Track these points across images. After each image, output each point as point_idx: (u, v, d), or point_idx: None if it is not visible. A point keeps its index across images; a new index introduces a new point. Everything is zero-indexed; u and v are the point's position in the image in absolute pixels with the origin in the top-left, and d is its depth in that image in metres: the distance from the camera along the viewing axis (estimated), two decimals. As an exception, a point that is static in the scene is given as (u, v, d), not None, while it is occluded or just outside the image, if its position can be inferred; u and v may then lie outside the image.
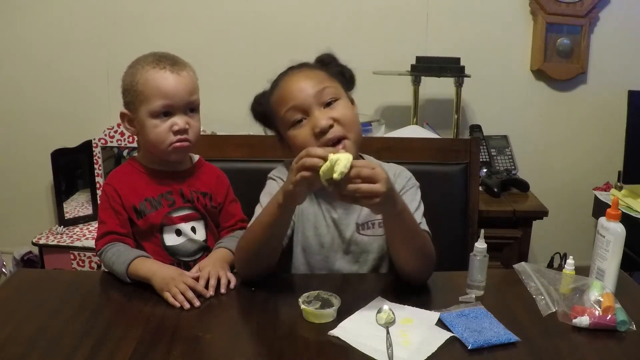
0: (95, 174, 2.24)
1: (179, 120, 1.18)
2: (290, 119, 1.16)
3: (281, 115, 1.17)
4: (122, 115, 1.23)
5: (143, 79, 1.17)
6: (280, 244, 1.14)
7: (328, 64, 1.24)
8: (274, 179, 1.25)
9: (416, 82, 2.26)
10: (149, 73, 1.17)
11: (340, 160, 0.94)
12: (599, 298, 1.02)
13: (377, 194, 0.96)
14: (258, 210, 1.20)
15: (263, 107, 1.24)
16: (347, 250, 1.23)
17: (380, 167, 0.98)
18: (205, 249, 1.25)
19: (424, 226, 1.18)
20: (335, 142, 1.14)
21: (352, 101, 1.24)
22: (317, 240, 1.23)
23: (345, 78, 1.25)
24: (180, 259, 1.23)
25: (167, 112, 1.18)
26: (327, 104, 1.16)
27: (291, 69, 1.23)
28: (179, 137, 1.18)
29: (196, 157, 1.31)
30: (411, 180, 1.27)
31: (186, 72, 1.20)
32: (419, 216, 1.19)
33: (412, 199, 1.22)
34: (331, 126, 1.13)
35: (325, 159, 0.96)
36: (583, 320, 0.98)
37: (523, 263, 1.21)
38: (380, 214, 1.07)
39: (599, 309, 1.00)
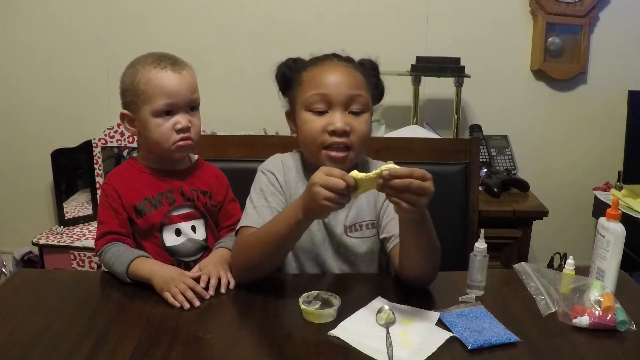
0: (95, 174, 2.24)
1: (181, 119, 1.18)
2: (313, 103, 1.15)
3: (307, 95, 1.16)
4: (122, 116, 1.23)
5: (145, 78, 1.17)
6: (285, 255, 1.13)
7: (368, 71, 1.23)
8: (264, 173, 1.23)
9: (416, 82, 2.26)
10: (151, 73, 1.17)
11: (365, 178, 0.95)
12: (599, 298, 1.02)
13: (427, 191, 0.93)
14: (249, 206, 1.19)
15: (291, 73, 1.22)
16: (337, 251, 1.23)
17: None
18: (205, 249, 1.25)
19: None
20: (340, 148, 1.14)
21: (371, 115, 1.22)
22: (308, 238, 1.22)
23: (376, 91, 1.23)
24: (180, 259, 1.23)
25: (169, 111, 1.18)
26: (352, 112, 1.15)
27: (337, 56, 1.21)
28: (182, 135, 1.19)
29: (195, 157, 1.31)
30: None
31: (187, 71, 1.21)
32: None
33: None
34: (345, 133, 1.13)
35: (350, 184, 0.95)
36: (583, 320, 0.98)
37: (523, 263, 1.21)
38: (413, 219, 1.01)
39: (599, 309, 1.00)
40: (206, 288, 1.09)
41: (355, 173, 0.97)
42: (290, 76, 1.22)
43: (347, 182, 0.95)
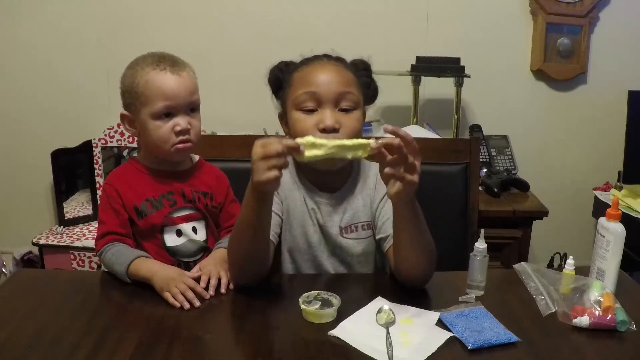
0: (95, 174, 2.24)
1: (181, 121, 1.18)
2: (303, 102, 1.15)
3: (296, 94, 1.16)
4: (123, 117, 1.23)
5: (143, 80, 1.17)
6: (267, 244, 1.11)
7: (360, 70, 1.23)
8: None
9: (416, 82, 2.26)
10: (150, 75, 1.17)
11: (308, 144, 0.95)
12: (599, 298, 1.02)
13: (417, 151, 0.95)
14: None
15: (282, 75, 1.23)
16: (333, 252, 1.23)
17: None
18: (205, 250, 1.25)
19: None
20: None
21: (364, 114, 1.23)
22: (304, 239, 1.23)
23: (369, 91, 1.24)
24: (180, 259, 1.23)
25: (168, 113, 1.18)
26: (342, 109, 1.15)
27: (327, 56, 1.22)
28: (181, 137, 1.18)
29: (196, 158, 1.31)
30: None
31: (186, 72, 1.20)
32: None
33: None
34: (335, 129, 1.13)
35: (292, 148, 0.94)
36: (583, 320, 0.98)
37: (523, 263, 1.21)
38: (402, 199, 1.00)
39: (599, 309, 1.00)
40: (206, 288, 1.09)
41: (309, 138, 0.96)
42: (281, 79, 1.23)
43: (286, 145, 0.94)
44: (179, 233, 1.23)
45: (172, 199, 1.23)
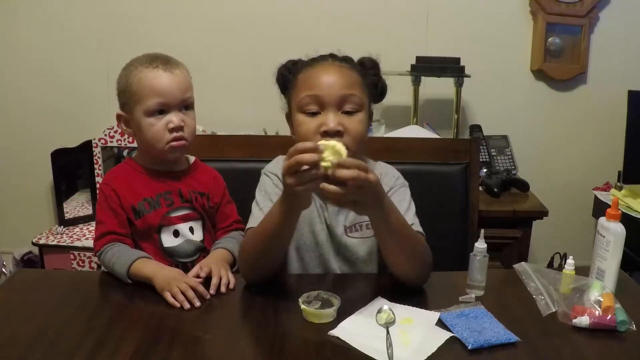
0: (95, 174, 2.24)
1: (174, 118, 1.18)
2: (306, 105, 1.14)
3: (300, 96, 1.15)
4: (118, 117, 1.24)
5: (137, 79, 1.17)
6: (286, 248, 1.13)
7: (367, 69, 1.22)
8: (267, 175, 1.24)
9: (416, 82, 2.26)
10: (142, 73, 1.17)
11: (329, 148, 0.94)
12: (599, 298, 1.02)
13: (366, 181, 0.93)
14: (255, 208, 1.19)
15: (289, 75, 1.22)
16: (338, 252, 1.23)
17: (372, 170, 0.96)
18: (202, 250, 1.25)
19: (417, 227, 1.16)
20: None
21: (371, 114, 1.22)
22: (311, 237, 1.23)
23: (376, 90, 1.23)
24: (178, 260, 1.23)
25: (162, 111, 1.18)
26: (346, 112, 1.14)
27: (333, 56, 1.21)
28: (174, 135, 1.19)
29: (192, 158, 1.31)
30: (399, 180, 1.24)
31: (179, 70, 1.20)
32: (410, 216, 1.17)
33: (402, 199, 1.20)
34: (338, 132, 1.12)
35: (316, 150, 0.93)
36: (583, 320, 0.98)
37: (523, 263, 1.21)
38: (365, 214, 1.05)
39: (599, 309, 1.00)
40: (207, 287, 1.09)
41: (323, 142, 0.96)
42: (288, 78, 1.22)
43: (307, 149, 0.93)
44: (176, 233, 1.23)
45: (169, 198, 1.23)
